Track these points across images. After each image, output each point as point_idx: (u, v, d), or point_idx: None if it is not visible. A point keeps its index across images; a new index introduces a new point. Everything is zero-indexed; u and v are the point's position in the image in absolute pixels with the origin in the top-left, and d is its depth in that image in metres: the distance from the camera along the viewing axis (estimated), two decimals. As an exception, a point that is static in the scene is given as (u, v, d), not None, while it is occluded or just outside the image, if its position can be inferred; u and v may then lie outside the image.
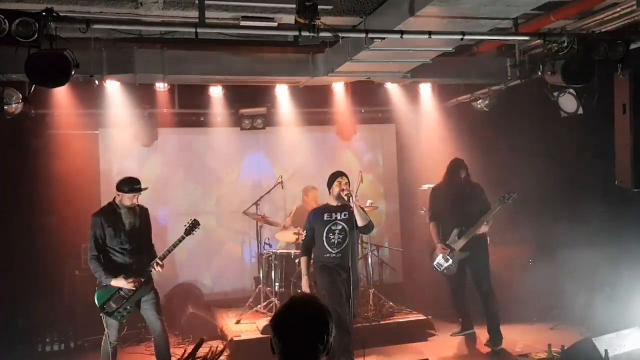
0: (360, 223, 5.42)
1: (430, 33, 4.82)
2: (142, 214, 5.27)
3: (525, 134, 7.27)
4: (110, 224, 5.10)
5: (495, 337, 6.16)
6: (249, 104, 7.85)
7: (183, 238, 5.23)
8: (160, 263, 5.12)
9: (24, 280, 6.62)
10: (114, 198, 5.22)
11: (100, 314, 5.07)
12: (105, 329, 5.08)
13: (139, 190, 5.14)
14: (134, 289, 5.05)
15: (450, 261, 6.27)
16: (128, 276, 5.03)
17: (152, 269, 5.10)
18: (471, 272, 6.34)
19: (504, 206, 6.04)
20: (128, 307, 5.09)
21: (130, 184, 5.14)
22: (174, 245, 5.19)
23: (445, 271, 6.34)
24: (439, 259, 6.33)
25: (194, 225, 5.29)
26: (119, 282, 5.02)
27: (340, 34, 4.81)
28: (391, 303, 7.14)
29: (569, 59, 4.89)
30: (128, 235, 5.12)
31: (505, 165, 6.64)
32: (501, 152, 6.80)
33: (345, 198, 5.45)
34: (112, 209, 5.19)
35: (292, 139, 8.56)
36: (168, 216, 8.03)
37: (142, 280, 5.09)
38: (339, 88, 7.81)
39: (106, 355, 5.12)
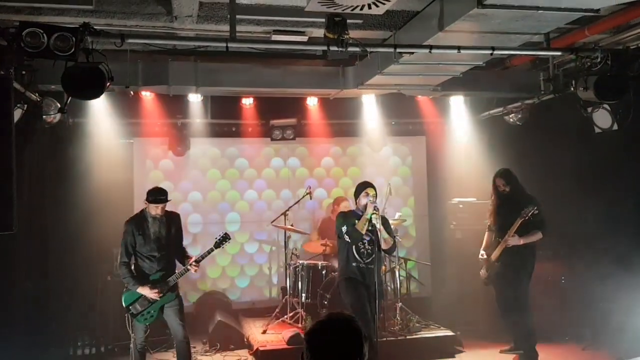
0: (383, 246, 5.34)
1: (459, 48, 4.81)
2: (170, 222, 5.36)
3: (559, 149, 7.12)
4: (140, 231, 5.24)
5: (524, 357, 5.98)
6: (280, 115, 7.95)
7: (212, 250, 5.34)
8: (196, 266, 5.23)
9: (58, 285, 6.79)
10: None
11: (126, 315, 5.22)
12: (131, 332, 5.21)
13: (161, 201, 5.22)
14: (157, 298, 5.17)
15: (484, 270, 6.23)
16: (154, 286, 5.17)
17: (189, 270, 5.23)
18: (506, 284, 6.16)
19: (525, 221, 5.86)
20: (152, 312, 5.21)
21: (154, 194, 5.24)
22: (203, 256, 5.30)
23: (485, 280, 6.30)
24: (482, 268, 6.29)
25: (224, 239, 5.38)
26: (144, 291, 5.16)
27: (369, 49, 4.84)
28: (418, 317, 7.07)
29: (602, 74, 4.80)
30: (155, 243, 5.24)
31: (537, 180, 6.53)
32: (533, 167, 6.68)
33: (372, 211, 5.39)
34: (142, 216, 5.33)
35: (321, 150, 8.67)
36: (199, 225, 8.17)
37: (167, 288, 5.21)
38: (369, 100, 7.82)
39: (135, 359, 5.24)
